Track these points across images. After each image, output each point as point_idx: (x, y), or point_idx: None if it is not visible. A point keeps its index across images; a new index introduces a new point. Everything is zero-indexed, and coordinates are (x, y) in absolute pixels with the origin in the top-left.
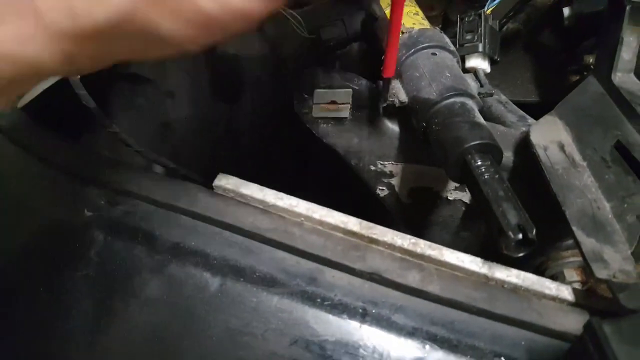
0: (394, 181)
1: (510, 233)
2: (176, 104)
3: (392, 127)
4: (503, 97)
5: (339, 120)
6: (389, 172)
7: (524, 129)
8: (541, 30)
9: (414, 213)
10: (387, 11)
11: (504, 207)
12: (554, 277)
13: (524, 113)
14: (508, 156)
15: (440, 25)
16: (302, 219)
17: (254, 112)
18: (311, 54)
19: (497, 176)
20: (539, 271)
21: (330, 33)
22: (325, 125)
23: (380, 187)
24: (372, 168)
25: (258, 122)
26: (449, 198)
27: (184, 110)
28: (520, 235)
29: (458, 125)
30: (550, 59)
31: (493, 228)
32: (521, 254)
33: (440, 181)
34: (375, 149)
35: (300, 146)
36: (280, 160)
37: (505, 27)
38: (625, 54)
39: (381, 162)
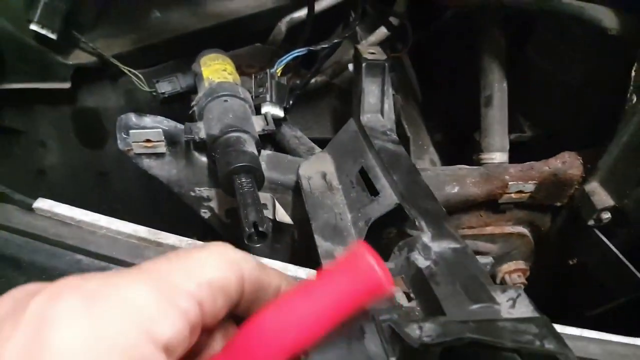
0: (213, 204)
1: (246, 227)
2: (48, 152)
3: (202, 158)
4: (299, 133)
5: (159, 155)
6: (206, 196)
7: (309, 157)
8: (348, 81)
9: (235, 230)
10: (204, 69)
11: (248, 210)
12: None
13: (313, 145)
14: (292, 178)
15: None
16: (105, 230)
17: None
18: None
19: (251, 189)
20: None
21: (164, 87)
22: (148, 160)
23: (203, 210)
24: (192, 194)
25: (122, 164)
26: None
27: (56, 157)
28: (253, 230)
29: (229, 153)
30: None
31: (241, 226)
32: (259, 245)
33: None
34: (191, 177)
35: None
36: (139, 194)
37: (315, 79)
38: (371, 99)
39: (198, 189)
